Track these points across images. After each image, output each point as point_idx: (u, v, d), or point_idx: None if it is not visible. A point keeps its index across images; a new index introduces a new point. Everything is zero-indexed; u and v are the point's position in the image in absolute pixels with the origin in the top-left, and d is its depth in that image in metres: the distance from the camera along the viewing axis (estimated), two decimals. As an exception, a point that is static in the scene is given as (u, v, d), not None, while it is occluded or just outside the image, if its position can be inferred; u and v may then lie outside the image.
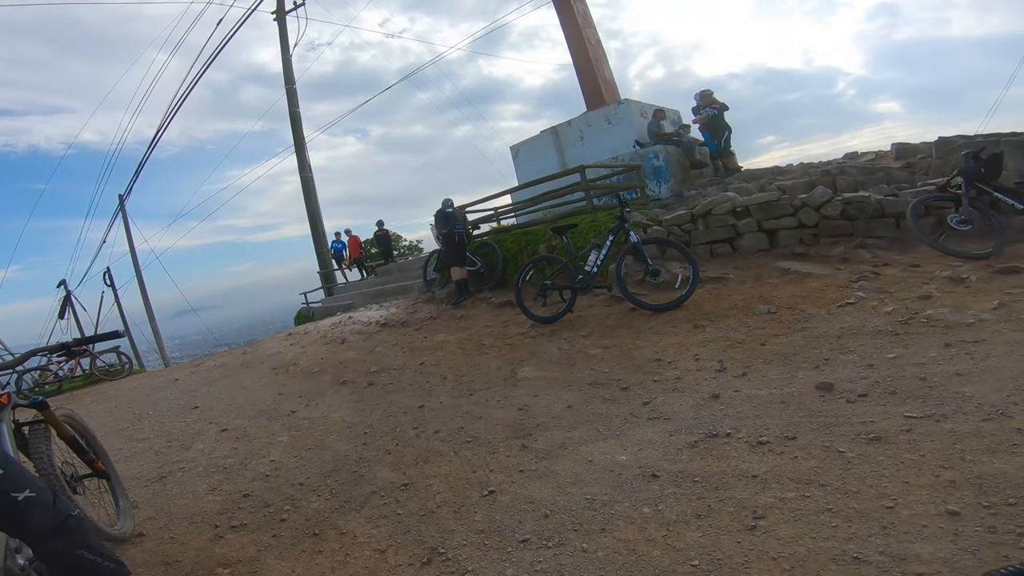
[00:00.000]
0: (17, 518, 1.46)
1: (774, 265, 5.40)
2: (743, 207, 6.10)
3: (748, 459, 2.34)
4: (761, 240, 5.98)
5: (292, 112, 14.35)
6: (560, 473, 2.57)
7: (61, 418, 2.44)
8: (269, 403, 4.96)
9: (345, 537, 2.36)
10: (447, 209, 8.20)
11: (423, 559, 2.09)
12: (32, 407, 2.28)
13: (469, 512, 2.38)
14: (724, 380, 3.28)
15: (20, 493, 1.46)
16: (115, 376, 10.58)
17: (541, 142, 12.16)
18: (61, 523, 1.54)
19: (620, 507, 2.18)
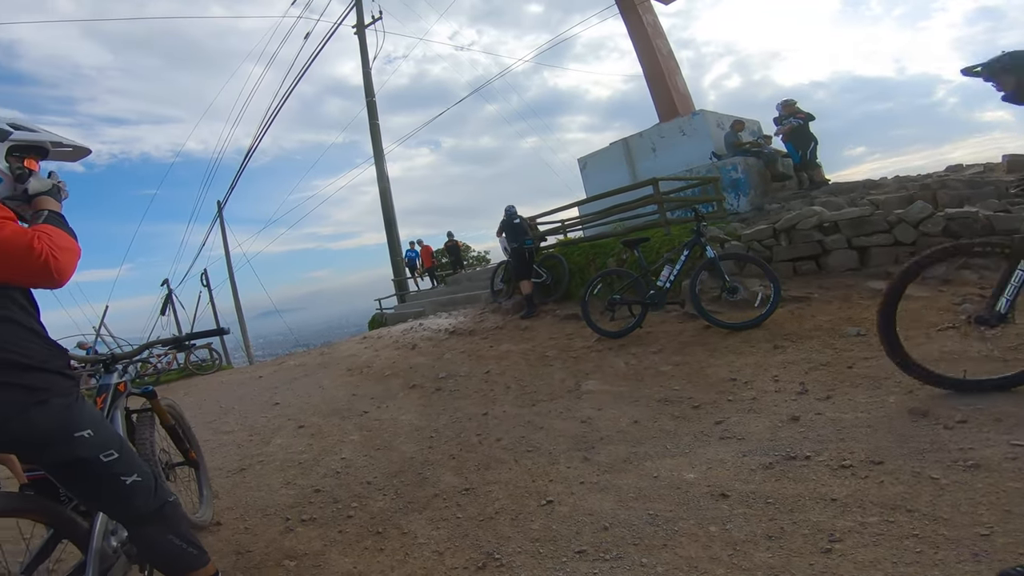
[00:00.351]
0: (123, 500, 1.53)
1: (865, 285, 5.04)
2: (831, 222, 5.75)
3: (828, 482, 2.20)
4: (851, 258, 5.60)
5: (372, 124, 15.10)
6: (622, 487, 2.52)
7: (164, 407, 2.61)
8: (343, 403, 5.18)
9: (406, 537, 2.41)
10: (514, 220, 8.15)
11: (478, 563, 2.10)
12: (142, 396, 2.45)
13: (526, 520, 2.37)
14: (805, 402, 3.10)
15: (129, 477, 1.53)
16: (206, 371, 11.48)
17: (610, 154, 12.07)
18: (159, 508, 1.61)
19: (684, 524, 2.11)
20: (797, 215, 6.00)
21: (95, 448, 1.45)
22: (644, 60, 11.86)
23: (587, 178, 12.45)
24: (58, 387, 1.42)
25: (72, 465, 1.43)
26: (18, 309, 1.41)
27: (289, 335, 31.35)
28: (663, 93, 11.62)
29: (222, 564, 2.37)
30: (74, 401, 1.45)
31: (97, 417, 1.54)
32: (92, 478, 1.47)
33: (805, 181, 9.38)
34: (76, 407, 1.45)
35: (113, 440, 1.53)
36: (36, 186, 1.58)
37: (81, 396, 1.51)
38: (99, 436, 1.47)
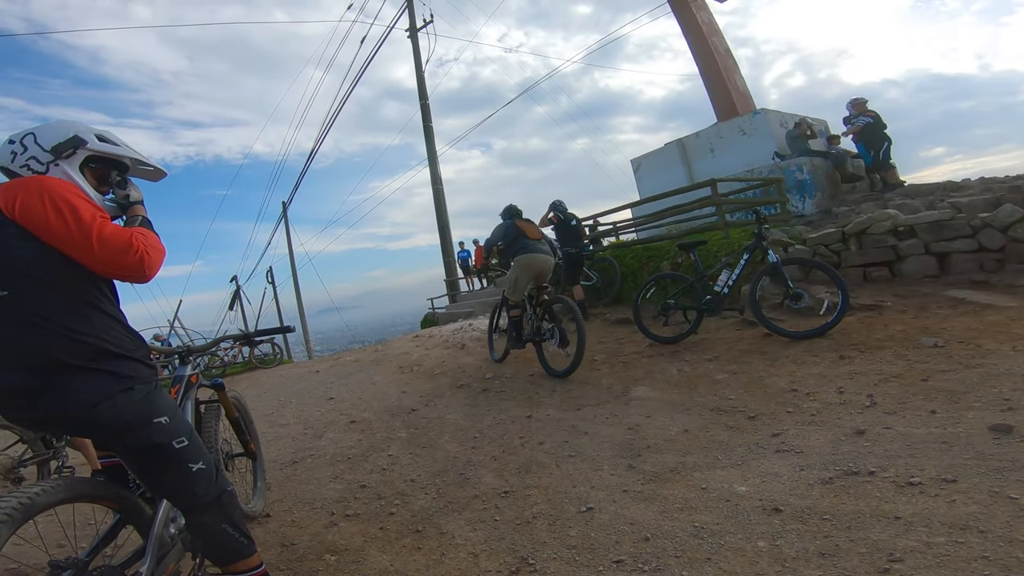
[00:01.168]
0: (187, 486, 1.60)
1: (944, 294, 4.68)
2: (907, 226, 5.38)
3: (892, 500, 2.07)
4: (929, 264, 5.22)
5: (425, 127, 15.42)
6: (668, 497, 2.44)
7: (231, 400, 2.69)
8: (393, 400, 5.29)
9: (444, 537, 2.42)
10: (571, 222, 7.84)
11: (512, 568, 2.09)
12: (211, 388, 2.54)
13: (564, 526, 2.34)
14: (873, 416, 2.90)
15: (195, 464, 1.60)
16: (268, 365, 12.03)
17: (665, 155, 11.80)
18: (217, 496, 1.66)
19: (731, 538, 2.02)
20: (869, 218, 5.65)
21: (170, 434, 1.54)
22: (700, 59, 11.54)
23: (641, 180, 12.22)
24: (142, 375, 1.52)
25: (147, 450, 1.52)
26: (106, 300, 1.53)
27: (346, 331, 32.46)
28: (721, 92, 11.25)
29: (267, 556, 2.44)
30: (154, 389, 1.55)
31: (172, 405, 1.63)
32: (163, 463, 1.55)
33: (878, 183, 8.84)
34: (156, 394, 1.55)
35: (184, 428, 1.62)
36: (135, 195, 1.76)
37: (159, 384, 1.61)
38: (174, 423, 1.57)
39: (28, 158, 1.55)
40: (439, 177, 15.25)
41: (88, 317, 1.45)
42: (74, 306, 1.43)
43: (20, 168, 1.53)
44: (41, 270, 1.39)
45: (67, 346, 1.39)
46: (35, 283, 1.38)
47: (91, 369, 1.42)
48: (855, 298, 4.86)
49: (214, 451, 2.42)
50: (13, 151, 1.53)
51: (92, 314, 1.46)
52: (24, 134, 1.56)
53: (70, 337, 1.39)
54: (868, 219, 5.65)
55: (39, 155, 1.57)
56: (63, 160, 1.60)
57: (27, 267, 1.37)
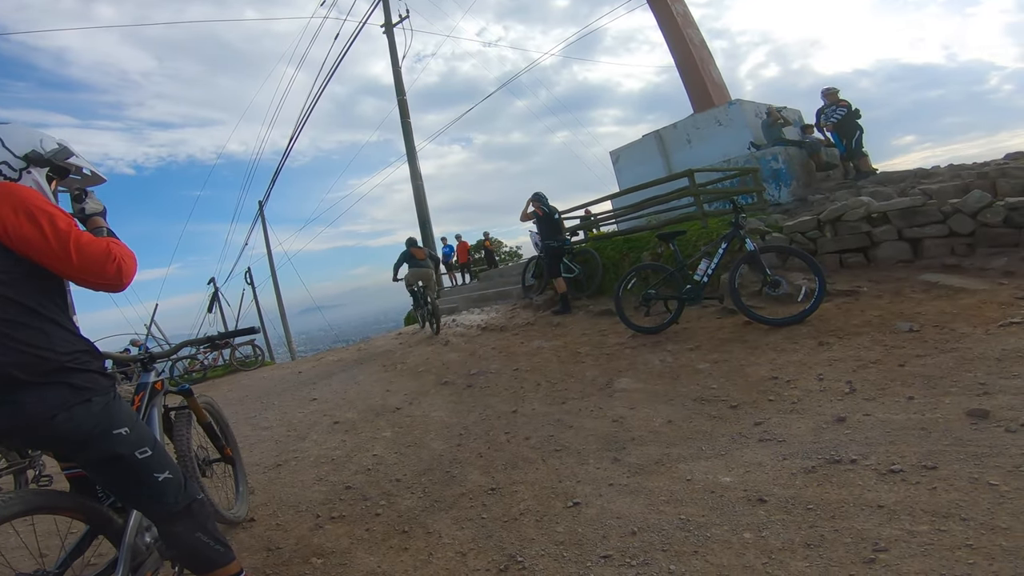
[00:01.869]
0: (155, 497, 1.56)
1: (918, 278, 4.76)
2: (880, 213, 5.45)
3: (875, 488, 2.08)
4: (902, 250, 5.30)
5: (403, 123, 15.23)
6: (653, 490, 2.43)
7: (202, 405, 2.63)
8: (378, 399, 5.22)
9: (431, 537, 2.39)
10: (555, 216, 7.90)
11: (500, 566, 2.06)
12: (179, 394, 2.48)
13: (551, 522, 2.32)
14: (852, 403, 2.93)
15: (161, 474, 1.57)
16: (250, 367, 11.82)
17: (644, 146, 11.83)
18: (187, 505, 1.63)
19: (717, 530, 2.01)
20: (843, 206, 5.72)
21: (131, 445, 1.50)
22: (676, 51, 11.57)
23: (620, 171, 12.25)
24: (99, 386, 1.47)
25: (109, 462, 1.47)
26: (59, 311, 1.46)
27: (329, 331, 32.13)
28: (697, 83, 11.29)
29: (253, 560, 2.39)
30: (112, 399, 1.50)
31: (133, 415, 1.58)
32: (127, 474, 1.51)
33: (851, 171, 8.98)
34: (114, 405, 1.50)
35: (147, 438, 1.57)
36: (92, 207, 1.71)
37: (118, 395, 1.55)
38: (135, 433, 1.52)
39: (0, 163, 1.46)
40: (419, 173, 15.08)
41: (43, 330, 1.38)
42: (27, 319, 1.36)
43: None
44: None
45: (22, 361, 1.32)
46: None
47: (47, 383, 1.36)
48: (832, 284, 4.92)
49: (187, 458, 2.37)
50: None
51: (46, 327, 1.39)
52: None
53: (25, 352, 1.33)
54: (842, 206, 5.71)
55: (11, 161, 1.49)
56: (35, 168, 1.53)
57: None
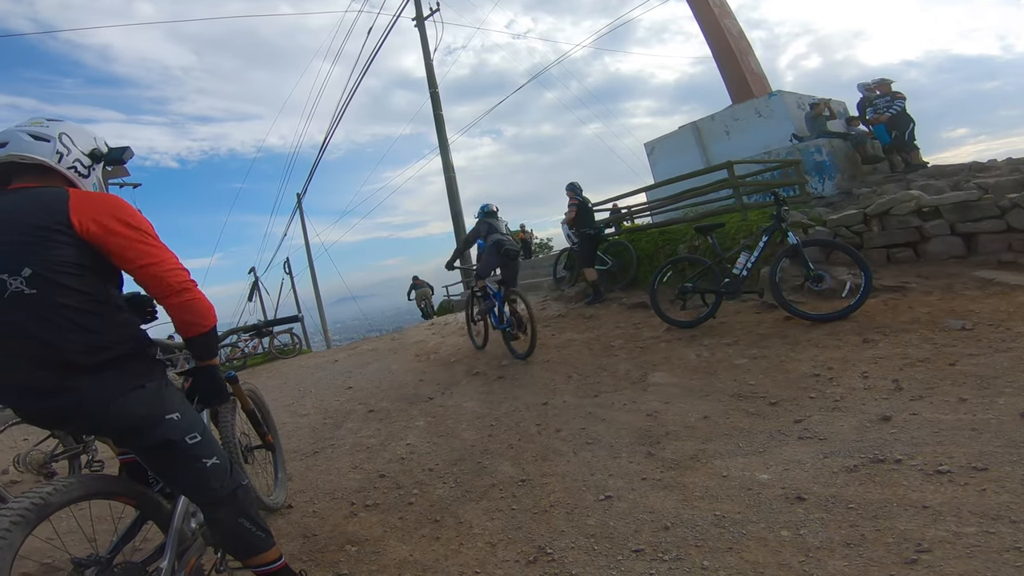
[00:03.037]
0: (202, 482, 1.59)
1: (972, 274, 4.55)
2: (931, 207, 5.22)
3: (920, 488, 2.01)
4: (955, 245, 5.07)
5: (436, 115, 15.30)
6: (688, 485, 2.40)
7: (246, 392, 2.68)
8: (411, 388, 5.31)
9: (462, 527, 2.41)
10: (589, 204, 7.93)
11: (529, 557, 2.07)
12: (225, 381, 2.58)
13: (582, 515, 2.31)
14: (899, 401, 2.83)
15: (209, 460, 1.59)
16: (288, 355, 12.14)
17: (680, 138, 11.59)
18: (233, 491, 1.65)
19: (753, 527, 1.98)
20: (891, 199, 5.49)
21: (182, 430, 1.53)
22: (712, 41, 11.27)
23: (655, 163, 12.05)
24: (153, 372, 1.52)
25: (160, 447, 1.51)
26: (118, 300, 1.52)
27: (364, 320, 32.67)
28: (735, 74, 10.98)
29: (289, 547, 2.45)
30: (164, 386, 1.54)
31: (184, 401, 1.62)
32: (176, 459, 1.55)
33: (899, 164, 8.62)
34: (167, 391, 1.54)
35: (197, 424, 1.61)
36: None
37: (169, 381, 1.60)
38: (185, 419, 1.56)
39: (74, 160, 1.53)
40: (451, 165, 15.15)
41: (103, 317, 1.43)
42: (91, 307, 1.41)
43: (67, 170, 1.51)
44: (67, 271, 1.37)
45: (82, 347, 1.37)
46: (59, 284, 1.35)
47: (104, 369, 1.41)
48: (878, 279, 4.74)
49: (231, 444, 2.42)
50: (58, 151, 1.50)
51: (107, 313, 1.44)
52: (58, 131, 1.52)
53: (85, 338, 1.38)
54: (891, 200, 5.49)
55: (82, 159, 1.55)
56: (96, 167, 1.61)
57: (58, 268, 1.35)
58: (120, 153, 1.66)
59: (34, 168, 1.48)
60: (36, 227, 1.35)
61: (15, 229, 1.35)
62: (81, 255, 1.39)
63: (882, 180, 8.10)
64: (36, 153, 1.46)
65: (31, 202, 1.38)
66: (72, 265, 1.37)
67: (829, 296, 4.73)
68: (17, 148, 1.45)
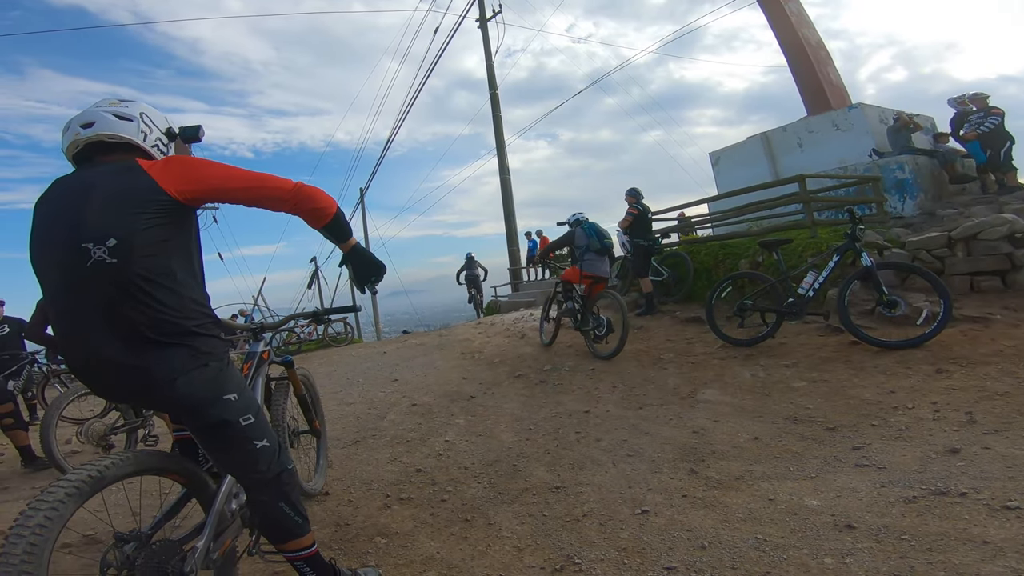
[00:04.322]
0: (250, 463, 1.59)
1: (1067, 308, 4.18)
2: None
3: (983, 523, 1.89)
4: (1050, 276, 4.69)
5: (495, 116, 15.48)
6: (730, 506, 2.32)
7: (300, 378, 2.73)
8: (454, 386, 5.40)
9: (491, 528, 2.41)
10: (648, 215, 7.68)
11: (556, 565, 2.04)
12: (282, 365, 2.58)
13: (615, 527, 2.27)
14: (970, 434, 2.65)
15: (259, 441, 1.60)
16: (340, 343, 12.57)
17: (747, 149, 11.23)
18: (278, 474, 1.65)
19: (796, 552, 1.89)
20: (981, 223, 5.13)
21: (238, 411, 1.55)
22: (788, 51, 10.87)
23: (720, 174, 11.72)
24: (218, 351, 1.54)
25: (215, 426, 1.53)
26: (192, 277, 1.56)
27: (414, 314, 33.32)
28: (812, 85, 10.53)
29: (322, 534, 2.50)
30: (226, 366, 1.56)
31: (242, 382, 1.64)
32: (229, 439, 1.56)
33: (992, 185, 7.98)
34: (228, 371, 1.56)
35: (252, 405, 1.63)
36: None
37: (231, 361, 1.61)
38: (242, 400, 1.58)
39: (156, 139, 1.64)
40: (507, 167, 15.30)
41: (177, 292, 1.47)
42: (166, 282, 1.45)
43: (151, 148, 1.62)
44: (149, 243, 1.41)
45: (154, 321, 1.41)
46: (141, 256, 1.40)
47: (172, 344, 1.43)
48: (959, 308, 4.43)
49: (281, 427, 2.45)
50: (142, 130, 1.60)
51: (180, 289, 1.48)
52: (138, 111, 1.61)
53: (158, 312, 1.42)
54: (980, 223, 5.13)
55: (162, 138, 1.66)
56: (172, 144, 1.72)
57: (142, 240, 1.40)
58: (195, 131, 1.76)
59: (119, 147, 1.57)
60: (125, 199, 1.42)
61: (104, 199, 1.42)
62: (165, 228, 1.45)
63: (970, 202, 7.57)
64: (123, 132, 1.56)
65: (119, 174, 1.47)
66: (155, 238, 1.43)
67: (902, 323, 4.45)
68: (105, 127, 1.54)
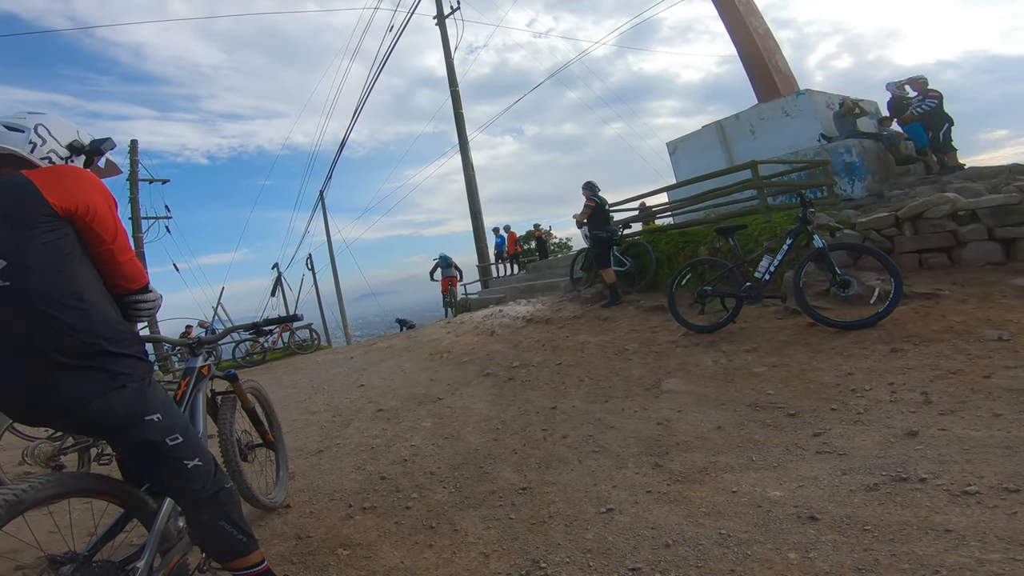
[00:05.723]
0: (184, 483, 1.56)
1: (1010, 282, 4.29)
2: (968, 211, 4.97)
3: (944, 510, 1.87)
4: (992, 251, 4.82)
5: (456, 113, 15.31)
6: (694, 500, 2.27)
7: (248, 390, 2.65)
8: (421, 388, 5.25)
9: (457, 535, 2.33)
10: (605, 207, 7.79)
11: (522, 571, 1.98)
12: (225, 379, 2.49)
13: (580, 528, 2.20)
14: (927, 416, 2.65)
15: (191, 461, 1.56)
16: (306, 350, 12.26)
17: (703, 137, 11.37)
18: (215, 493, 1.62)
19: (760, 548, 1.85)
20: (925, 202, 5.25)
21: (163, 431, 1.50)
22: (738, 40, 11.03)
23: (677, 163, 11.84)
24: (136, 371, 1.46)
25: (141, 447, 1.48)
26: (102, 295, 1.47)
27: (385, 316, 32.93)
28: (762, 73, 10.71)
29: (282, 548, 2.40)
30: (147, 386, 1.49)
31: (166, 402, 1.57)
32: (158, 460, 1.52)
33: (935, 166, 8.29)
34: (148, 391, 1.49)
35: (179, 424, 1.57)
36: None
37: (153, 381, 1.54)
38: (167, 420, 1.52)
39: (49, 151, 1.49)
40: (471, 163, 15.13)
41: (87, 313, 1.38)
42: (74, 303, 1.36)
43: (41, 160, 1.47)
44: (46, 261, 1.32)
45: (64, 344, 1.32)
46: (38, 276, 1.30)
47: (85, 367, 1.36)
48: (909, 286, 4.52)
49: (229, 442, 2.39)
50: (32, 141, 1.46)
51: (91, 310, 1.39)
52: (34, 123, 1.48)
53: (69, 335, 1.33)
54: (924, 203, 5.24)
55: (58, 150, 1.52)
56: (76, 157, 1.57)
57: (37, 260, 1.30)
58: (100, 143, 1.61)
59: (7, 159, 1.44)
60: (11, 214, 1.31)
61: None
62: (63, 242, 1.35)
63: (916, 182, 7.80)
64: (7, 143, 1.43)
65: (4, 189, 1.34)
66: (52, 254, 1.33)
67: (856, 303, 4.52)
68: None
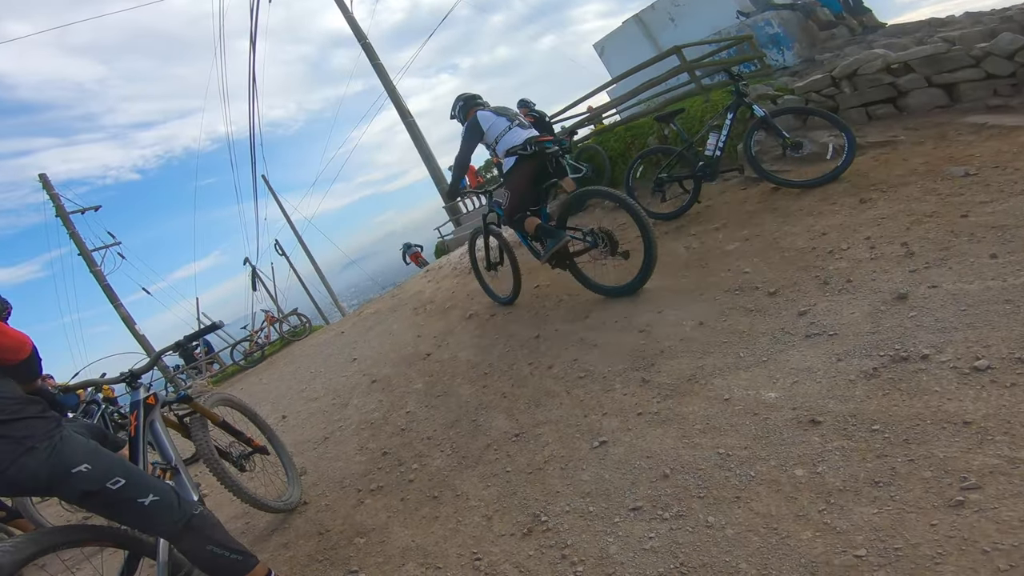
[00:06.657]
0: (148, 520, 1.51)
1: (962, 121, 3.95)
2: (900, 63, 4.60)
3: (956, 395, 1.52)
4: (936, 96, 4.48)
5: (374, 65, 13.96)
6: (687, 417, 1.98)
7: (216, 403, 2.49)
8: (409, 347, 4.89)
9: (459, 500, 2.12)
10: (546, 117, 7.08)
11: (524, 528, 1.76)
12: (179, 402, 2.32)
13: (576, 469, 1.96)
14: (913, 271, 2.33)
15: (145, 498, 1.49)
16: (300, 336, 11.69)
17: (627, 33, 10.65)
18: (187, 522, 1.57)
19: (763, 466, 1.57)
20: (856, 60, 4.85)
21: (98, 479, 1.43)
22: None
23: (609, 63, 11.14)
24: (37, 432, 1.39)
25: (86, 497, 1.43)
26: None
27: (376, 279, 32.19)
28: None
29: (307, 547, 2.25)
30: (59, 441, 1.41)
31: (91, 450, 1.47)
32: (109, 506, 1.47)
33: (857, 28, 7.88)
34: (63, 446, 1.42)
35: (115, 467, 1.48)
36: None
37: (68, 435, 1.45)
38: (98, 467, 1.44)
39: None
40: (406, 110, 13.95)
41: None
42: None
43: None
44: None
45: None
46: None
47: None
48: (862, 136, 4.16)
49: (211, 460, 2.24)
50: None
51: None
52: None
53: None
54: (855, 60, 4.85)
55: None
56: None
57: None
58: None
59: None
60: None
61: None
62: None
63: (842, 44, 7.42)
64: None
65: None
66: None
67: (815, 160, 4.17)
68: None
